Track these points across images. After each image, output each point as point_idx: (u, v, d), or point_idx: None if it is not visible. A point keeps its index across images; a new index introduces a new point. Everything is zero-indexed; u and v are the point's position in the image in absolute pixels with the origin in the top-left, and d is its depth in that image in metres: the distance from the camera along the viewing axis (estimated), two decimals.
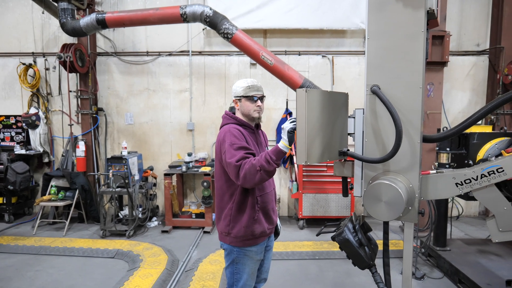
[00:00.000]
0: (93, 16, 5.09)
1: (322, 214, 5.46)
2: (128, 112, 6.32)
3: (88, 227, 5.62)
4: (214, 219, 4.67)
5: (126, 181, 5.15)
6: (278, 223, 2.51)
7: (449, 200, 4.75)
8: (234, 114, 2.35)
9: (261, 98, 2.29)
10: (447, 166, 3.90)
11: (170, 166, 5.73)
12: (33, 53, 6.19)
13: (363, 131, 1.84)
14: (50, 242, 4.90)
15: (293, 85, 4.86)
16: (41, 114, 6.08)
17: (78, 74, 5.99)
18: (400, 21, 1.69)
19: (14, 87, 6.28)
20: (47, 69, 6.20)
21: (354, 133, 1.89)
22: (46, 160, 6.25)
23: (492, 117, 5.99)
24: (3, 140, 6.31)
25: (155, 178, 6.07)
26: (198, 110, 6.28)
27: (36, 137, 6.05)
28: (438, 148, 4.03)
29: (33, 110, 6.06)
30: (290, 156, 5.90)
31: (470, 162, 3.63)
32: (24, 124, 6.00)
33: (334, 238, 1.92)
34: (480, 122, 4.49)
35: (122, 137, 6.31)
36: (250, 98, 2.25)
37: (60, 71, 6.12)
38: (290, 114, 6.02)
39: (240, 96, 2.26)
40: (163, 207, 6.07)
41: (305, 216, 5.47)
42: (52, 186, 5.64)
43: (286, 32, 6.04)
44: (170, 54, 6.19)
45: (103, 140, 6.33)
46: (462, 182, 1.76)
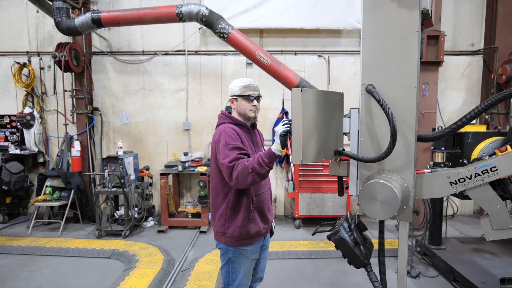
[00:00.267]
0: (88, 15, 5.06)
1: (318, 213, 5.47)
2: (123, 111, 6.29)
3: (83, 227, 5.59)
4: (210, 219, 4.67)
5: (122, 181, 5.13)
6: (273, 223, 2.51)
7: (444, 199, 4.79)
8: (230, 113, 2.35)
9: (257, 98, 2.29)
10: (442, 165, 3.92)
11: (166, 166, 5.71)
12: (27, 52, 6.15)
13: (359, 131, 1.84)
14: (45, 243, 4.87)
15: (289, 84, 4.87)
16: (35, 113, 6.04)
17: (73, 73, 5.95)
18: (395, 21, 1.70)
19: (8, 87, 6.23)
20: (42, 68, 6.16)
21: (350, 132, 1.89)
22: (41, 160, 6.21)
23: (486, 116, 6.04)
24: None
25: (151, 178, 6.06)
26: (194, 109, 6.27)
27: (30, 136, 6.01)
28: (433, 147, 4.05)
29: (27, 110, 6.01)
30: (287, 155, 5.91)
31: (465, 161, 3.65)
32: (18, 123, 5.96)
33: (329, 237, 1.92)
34: (474, 122, 4.53)
35: (118, 136, 6.29)
36: (246, 97, 2.25)
37: (55, 71, 6.08)
38: (286, 113, 6.03)
39: (236, 95, 2.26)
40: (159, 207, 6.05)
41: (301, 215, 5.49)
42: (47, 186, 5.61)
43: (282, 31, 6.04)
44: (166, 53, 6.17)
45: (99, 139, 6.30)
46: (456, 181, 1.77)
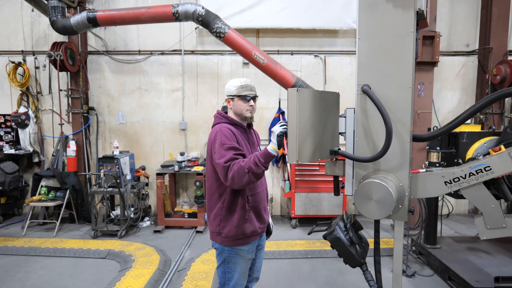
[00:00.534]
0: (84, 14, 5.04)
1: (315, 213, 5.49)
2: (119, 111, 6.26)
3: (79, 228, 5.56)
4: (206, 219, 4.65)
5: (118, 181, 5.11)
6: (270, 222, 2.52)
7: (439, 198, 4.82)
8: (227, 113, 2.35)
9: (253, 98, 2.30)
10: (437, 165, 3.95)
11: (163, 166, 5.70)
12: (22, 51, 6.10)
13: (354, 131, 1.85)
14: (40, 243, 4.84)
15: (285, 84, 4.88)
16: (30, 113, 6.00)
17: (69, 73, 5.92)
18: (390, 21, 1.71)
19: (3, 86, 6.19)
20: (37, 67, 6.11)
21: (345, 132, 1.90)
22: (36, 160, 6.17)
23: (481, 116, 6.09)
24: None
25: (147, 177, 6.04)
26: (190, 109, 6.26)
27: (25, 136, 5.97)
28: (428, 147, 4.08)
29: (22, 109, 5.97)
30: (283, 155, 5.91)
31: (460, 161, 3.68)
32: (13, 123, 5.92)
33: (325, 237, 1.93)
34: (469, 122, 4.56)
35: (114, 136, 6.26)
36: (243, 97, 2.25)
37: (50, 70, 6.05)
38: (283, 113, 6.04)
39: (233, 95, 2.27)
40: (156, 207, 6.03)
41: (297, 215, 5.50)
42: (42, 186, 5.58)
43: (278, 31, 6.05)
44: (163, 53, 6.15)
45: (95, 139, 6.27)
46: (451, 180, 1.78)
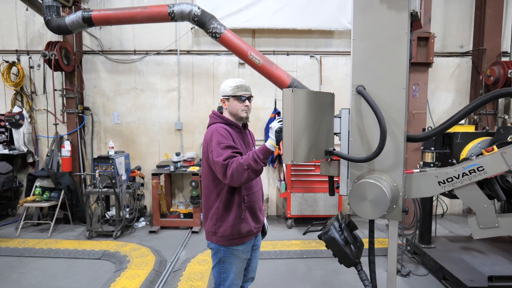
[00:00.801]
0: (79, 13, 5.01)
1: (310, 213, 5.50)
2: (115, 111, 6.24)
3: (74, 228, 5.53)
4: (202, 219, 4.65)
5: (113, 181, 5.09)
6: (265, 223, 2.52)
7: (434, 198, 4.85)
8: (222, 113, 2.35)
9: (249, 98, 2.30)
10: (432, 165, 3.97)
11: (158, 166, 5.69)
12: (16, 50, 6.05)
13: (349, 131, 1.86)
14: (35, 244, 4.81)
15: (281, 85, 4.88)
16: (25, 113, 5.96)
17: (64, 72, 5.89)
18: (384, 22, 1.72)
19: None
20: (31, 67, 6.07)
21: (340, 132, 1.91)
22: (30, 160, 6.13)
23: (475, 117, 6.14)
24: None
25: (143, 178, 6.02)
26: (186, 109, 6.24)
27: (20, 136, 5.92)
28: (423, 147, 4.11)
29: (16, 109, 5.92)
30: (279, 155, 5.92)
31: (454, 161, 3.71)
32: (7, 123, 5.86)
33: (320, 237, 1.94)
34: (463, 122, 4.60)
35: (109, 136, 6.23)
36: (238, 97, 2.26)
37: (45, 70, 6.01)
38: (279, 113, 6.05)
39: (228, 95, 2.27)
40: (151, 207, 6.01)
41: (293, 215, 5.51)
42: (36, 187, 5.54)
43: (274, 32, 6.06)
44: (158, 53, 6.14)
45: (90, 139, 6.24)
46: (444, 180, 1.80)
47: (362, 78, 1.78)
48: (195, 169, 5.46)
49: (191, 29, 6.05)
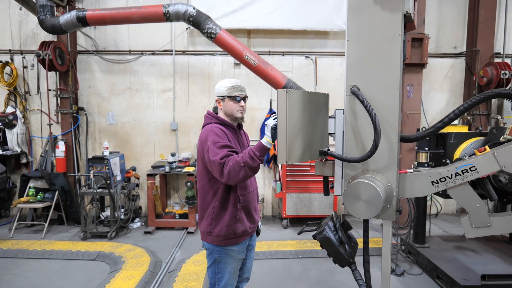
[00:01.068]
0: (73, 13, 4.98)
1: (306, 213, 5.51)
2: (110, 111, 6.21)
3: (68, 229, 5.49)
4: (197, 219, 4.62)
5: (108, 181, 5.06)
6: (259, 223, 2.52)
7: (428, 198, 4.89)
8: (217, 114, 2.35)
9: (244, 99, 2.31)
10: (426, 165, 4.01)
11: (153, 167, 5.67)
12: (10, 50, 6.00)
13: (343, 131, 1.87)
14: (28, 245, 4.77)
15: (276, 85, 4.89)
16: (18, 113, 5.91)
17: (58, 72, 5.85)
18: (378, 24, 1.73)
19: None
20: (25, 67, 6.02)
21: (335, 133, 1.92)
22: (24, 160, 6.08)
23: (468, 117, 6.19)
24: None
25: (138, 178, 6.00)
26: (181, 110, 6.23)
27: (13, 137, 5.87)
28: (417, 147, 4.14)
29: (10, 109, 5.87)
30: (274, 155, 5.93)
31: (448, 161, 3.74)
32: (0, 123, 5.80)
33: (315, 237, 1.95)
34: (456, 123, 4.65)
35: (104, 137, 6.20)
36: (233, 98, 2.26)
37: (38, 69, 5.96)
38: (274, 114, 6.05)
39: (223, 96, 2.27)
40: (146, 208, 5.99)
41: (288, 215, 5.52)
42: (30, 188, 5.49)
43: (270, 32, 6.07)
44: (153, 53, 6.12)
45: (84, 140, 6.21)
46: (437, 180, 1.81)
47: (356, 78, 1.79)
48: (191, 169, 5.45)
49: (187, 29, 6.04)
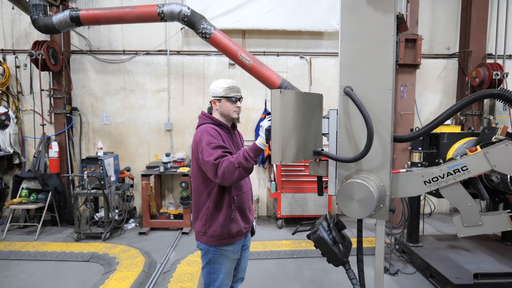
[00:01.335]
0: (66, 13, 4.95)
1: (300, 213, 5.53)
2: (104, 112, 6.17)
3: (61, 230, 5.45)
4: (192, 220, 4.62)
5: (102, 182, 5.03)
6: (254, 223, 2.53)
7: (421, 198, 4.93)
8: (211, 114, 2.35)
9: (239, 99, 2.32)
10: (419, 165, 4.04)
11: (148, 167, 5.65)
12: (2, 50, 5.95)
13: (337, 131, 1.88)
14: (21, 247, 4.73)
15: (271, 85, 4.90)
16: (11, 113, 5.85)
17: (51, 72, 5.80)
18: (371, 25, 1.74)
19: None
20: (18, 67, 5.96)
21: (328, 133, 1.93)
22: (17, 161, 6.02)
23: (461, 117, 6.25)
24: None
25: (132, 179, 5.97)
26: (176, 110, 6.22)
27: (5, 137, 5.81)
28: (410, 147, 4.17)
29: (2, 109, 5.81)
30: (269, 156, 5.94)
31: (441, 161, 3.78)
32: None
33: (309, 236, 1.95)
34: (449, 123, 4.69)
35: (98, 137, 6.16)
36: (230, 99, 2.27)
37: (31, 69, 5.91)
38: (269, 114, 6.05)
39: (220, 96, 2.28)
40: (141, 209, 5.96)
41: (283, 215, 5.53)
42: (23, 188, 5.44)
43: (264, 32, 6.07)
44: (148, 53, 6.10)
45: (78, 140, 6.16)
46: (430, 180, 1.83)
47: (349, 79, 1.80)
48: (185, 169, 5.44)
49: (181, 29, 6.03)
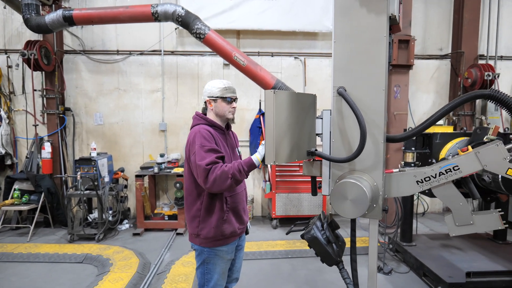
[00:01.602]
0: (59, 12, 4.91)
1: (295, 213, 5.54)
2: (97, 112, 6.13)
3: (54, 232, 5.40)
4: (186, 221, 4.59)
5: (95, 183, 5.00)
6: (248, 223, 2.53)
7: (414, 197, 4.97)
8: (205, 114, 2.35)
9: (235, 100, 2.32)
10: (413, 164, 4.07)
11: (142, 168, 5.62)
12: None
13: (330, 132, 1.89)
14: (13, 248, 4.67)
15: (265, 86, 4.91)
16: (2, 114, 5.78)
17: (44, 72, 5.75)
18: (364, 26, 1.76)
19: None
20: (10, 66, 5.90)
21: (322, 133, 1.94)
22: (9, 162, 5.95)
23: (454, 118, 6.32)
24: None
25: (126, 179, 5.93)
26: (170, 110, 6.19)
27: None
28: (404, 147, 4.20)
29: None
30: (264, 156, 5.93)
31: (434, 160, 3.82)
32: None
33: (303, 236, 1.96)
34: (442, 123, 4.73)
35: (91, 138, 6.12)
36: (225, 99, 2.27)
37: (24, 69, 5.84)
38: (263, 114, 6.06)
39: (215, 96, 2.28)
40: (135, 210, 5.92)
41: (278, 215, 5.54)
42: (15, 190, 5.38)
43: (259, 33, 6.08)
44: (142, 53, 6.07)
45: (71, 141, 6.11)
46: (422, 179, 1.84)
47: (343, 80, 1.81)
48: (180, 170, 5.42)
49: (175, 29, 6.01)
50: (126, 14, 4.90)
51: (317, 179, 2.09)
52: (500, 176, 2.99)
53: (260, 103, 6.17)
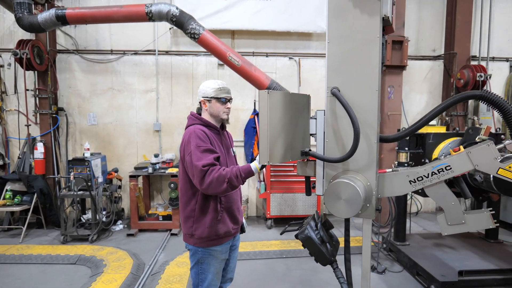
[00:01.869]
0: (52, 11, 4.86)
1: (290, 213, 5.55)
2: (91, 112, 6.09)
3: (47, 233, 5.35)
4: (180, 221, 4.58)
5: (89, 183, 4.96)
6: (244, 222, 2.53)
7: (408, 197, 5.00)
8: (200, 114, 2.35)
9: (229, 100, 2.32)
10: (406, 164, 4.11)
11: (136, 168, 5.59)
12: None
13: (324, 132, 1.90)
14: (5, 250, 4.62)
15: (260, 86, 4.91)
16: None
17: (36, 72, 5.69)
18: (357, 26, 1.77)
19: None
20: (1, 66, 5.83)
21: (316, 133, 1.95)
22: (0, 162, 5.87)
23: (446, 118, 6.38)
24: None
25: (120, 180, 5.90)
26: (165, 110, 6.17)
27: None
28: (397, 148, 4.23)
29: None
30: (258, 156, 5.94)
31: (427, 160, 3.85)
32: None
33: (297, 236, 1.97)
34: (435, 123, 4.78)
35: (85, 138, 6.07)
36: (220, 99, 2.27)
37: (16, 69, 5.78)
38: (258, 115, 6.07)
39: (210, 97, 2.27)
40: (129, 210, 5.89)
41: (273, 215, 5.54)
42: (7, 190, 5.32)
43: (254, 33, 6.08)
44: (136, 53, 6.04)
45: (64, 141, 6.06)
46: (415, 179, 1.86)
47: (336, 80, 1.82)
48: (174, 170, 5.41)
49: (170, 29, 5.99)
50: (120, 14, 4.87)
51: (311, 179, 2.10)
52: (491, 175, 3.03)
53: (254, 103, 6.17)
